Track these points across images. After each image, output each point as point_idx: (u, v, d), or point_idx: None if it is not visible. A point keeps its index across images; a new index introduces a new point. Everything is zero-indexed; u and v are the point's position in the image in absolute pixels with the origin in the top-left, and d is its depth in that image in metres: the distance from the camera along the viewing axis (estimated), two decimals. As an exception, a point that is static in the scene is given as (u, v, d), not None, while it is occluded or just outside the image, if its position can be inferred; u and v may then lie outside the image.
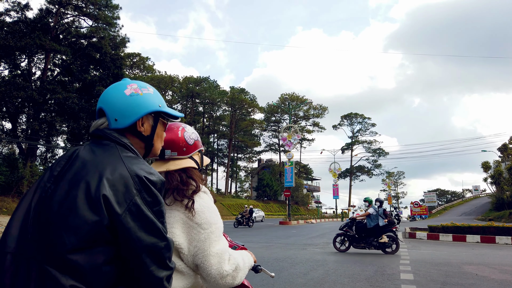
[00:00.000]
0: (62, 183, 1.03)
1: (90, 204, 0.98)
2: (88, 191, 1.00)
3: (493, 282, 6.13)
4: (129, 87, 1.25)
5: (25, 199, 1.07)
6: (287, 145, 34.99)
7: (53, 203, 1.00)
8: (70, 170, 1.06)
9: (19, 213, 1.05)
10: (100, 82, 29.87)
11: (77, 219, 0.97)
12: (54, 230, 0.96)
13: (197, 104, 62.00)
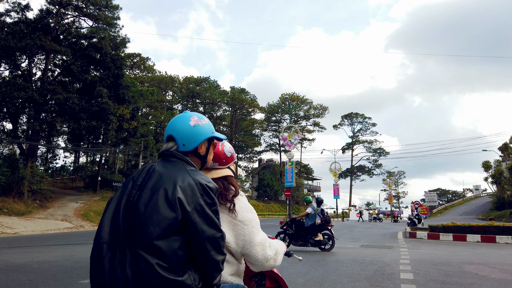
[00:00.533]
0: (145, 190, 1.42)
1: (168, 205, 1.36)
2: (166, 195, 1.38)
3: (493, 282, 6.14)
4: (192, 119, 1.66)
5: (111, 204, 1.48)
6: (288, 145, 34.99)
7: (140, 205, 1.38)
8: (150, 180, 1.44)
9: (108, 214, 1.45)
10: (101, 82, 29.89)
11: (160, 215, 1.34)
12: (143, 224, 1.33)
13: (198, 104, 62.02)
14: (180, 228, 1.36)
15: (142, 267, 1.29)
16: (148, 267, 1.29)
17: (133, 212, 1.38)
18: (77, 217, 25.56)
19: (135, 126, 33.34)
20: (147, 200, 1.38)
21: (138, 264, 1.30)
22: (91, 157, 46.63)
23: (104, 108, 28.64)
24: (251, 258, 1.71)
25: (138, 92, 38.03)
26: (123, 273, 1.31)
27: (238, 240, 1.68)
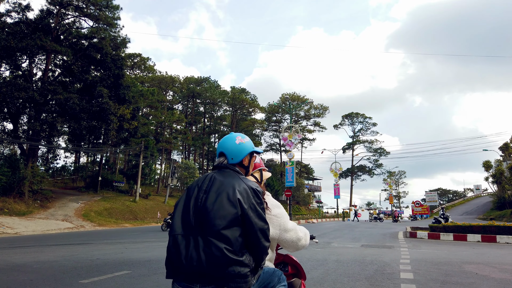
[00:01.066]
0: (211, 193, 1.87)
1: (231, 204, 1.81)
2: (228, 197, 1.83)
3: (493, 281, 6.14)
4: (237, 138, 2.15)
5: (179, 205, 1.95)
6: (288, 145, 34.99)
7: (208, 204, 1.83)
8: (214, 186, 1.90)
9: (178, 213, 1.91)
10: (101, 82, 29.92)
11: (225, 211, 1.79)
12: (212, 218, 1.78)
13: (198, 104, 62.04)
14: (240, 221, 1.81)
15: (213, 250, 1.74)
16: (218, 250, 1.74)
17: (203, 209, 1.83)
18: (78, 217, 25.58)
19: (136, 126, 33.37)
20: (214, 200, 1.84)
21: (210, 248, 1.74)
22: (92, 157, 46.68)
23: (104, 108, 28.66)
24: (287, 241, 2.24)
25: (138, 92, 38.05)
26: (197, 255, 1.76)
27: (275, 230, 2.18)
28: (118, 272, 6.79)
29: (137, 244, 11.83)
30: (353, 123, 72.18)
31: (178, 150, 61.37)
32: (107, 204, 30.60)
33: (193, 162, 54.83)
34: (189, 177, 44.24)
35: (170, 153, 57.00)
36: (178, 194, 46.20)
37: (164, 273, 6.65)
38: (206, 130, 64.47)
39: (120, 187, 38.51)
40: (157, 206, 35.24)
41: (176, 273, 1.85)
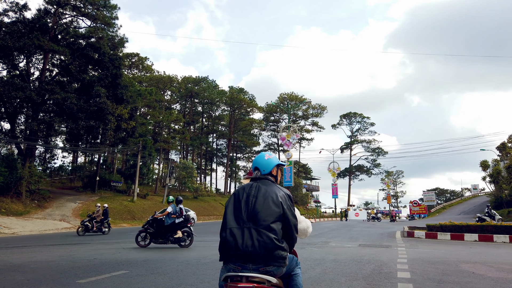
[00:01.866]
0: (259, 197, 2.47)
1: (275, 205, 2.43)
2: (273, 200, 2.45)
3: (489, 280, 6.16)
4: (265, 155, 2.79)
5: (229, 207, 2.53)
6: (286, 144, 35.02)
7: (258, 205, 2.43)
8: (260, 192, 2.50)
9: (230, 212, 2.50)
10: (99, 82, 29.88)
11: (272, 211, 2.40)
12: (263, 215, 2.38)
13: (196, 104, 62.01)
14: (281, 218, 2.45)
15: (265, 238, 2.33)
16: (268, 239, 2.34)
17: (254, 209, 2.44)
18: (75, 217, 25.52)
19: (134, 126, 33.32)
20: (262, 202, 2.46)
21: (262, 237, 2.33)
22: (89, 157, 46.58)
23: (102, 108, 28.61)
24: (301, 230, 2.80)
25: (136, 92, 38.00)
26: (252, 242, 2.33)
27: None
28: (115, 272, 6.79)
29: (135, 244, 11.82)
30: (351, 123, 72.28)
31: (176, 150, 61.31)
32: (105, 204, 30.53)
33: (191, 162, 54.81)
34: (187, 177, 44.20)
35: (168, 153, 56.96)
36: (176, 194, 46.16)
37: (162, 272, 6.66)
38: (204, 130, 64.43)
39: (118, 187, 38.46)
40: (155, 206, 35.21)
41: (230, 256, 2.41)
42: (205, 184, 62.07)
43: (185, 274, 6.59)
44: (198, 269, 7.06)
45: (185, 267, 7.35)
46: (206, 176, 68.76)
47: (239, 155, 71.69)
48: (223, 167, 66.93)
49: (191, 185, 45.85)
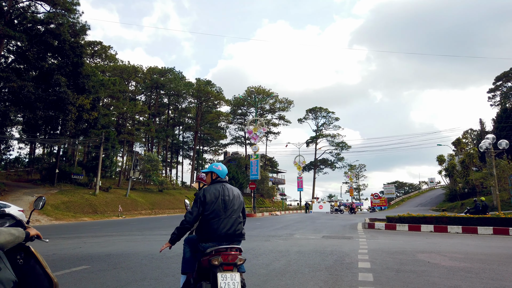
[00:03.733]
0: (232, 194, 3.59)
1: (241, 200, 3.66)
2: (239, 197, 3.66)
3: (443, 269, 6.52)
4: (219, 166, 3.75)
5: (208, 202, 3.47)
6: (253, 138, 35.14)
7: (235, 200, 3.57)
8: (230, 192, 3.61)
9: (210, 207, 3.45)
10: (59, 70, 28.61)
11: (240, 204, 3.62)
12: (237, 207, 3.57)
13: (162, 96, 60.77)
14: (243, 209, 3.64)
15: (238, 224, 3.49)
16: (240, 224, 3.52)
17: (231, 203, 3.53)
18: (33, 211, 24.44)
19: (96, 117, 32.22)
20: (236, 198, 3.60)
21: (237, 223, 3.48)
22: (48, 149, 44.62)
23: (62, 97, 27.45)
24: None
25: (99, 81, 36.71)
26: (230, 227, 3.42)
27: None
28: (76, 267, 6.60)
29: (97, 238, 11.51)
30: (316, 118, 73.49)
31: (141, 142, 59.99)
32: (65, 198, 29.46)
33: (157, 154, 53.81)
34: (152, 170, 43.40)
35: (132, 145, 55.62)
36: (140, 187, 45.26)
37: (125, 267, 6.55)
38: (170, 122, 63.37)
39: (79, 180, 37.16)
40: (118, 200, 34.37)
41: (214, 237, 3.40)
42: (171, 177, 61.28)
43: (149, 268, 6.51)
44: (163, 263, 7.00)
45: (149, 261, 7.26)
46: (172, 169, 67.87)
47: (206, 148, 71.19)
48: (190, 160, 66.26)
49: (156, 178, 45.07)
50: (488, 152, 27.96)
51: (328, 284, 5.26)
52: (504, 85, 55.55)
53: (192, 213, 3.49)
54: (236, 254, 3.30)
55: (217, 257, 3.24)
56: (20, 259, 2.47)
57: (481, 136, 42.91)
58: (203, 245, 3.43)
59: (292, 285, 5.23)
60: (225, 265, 3.23)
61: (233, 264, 3.25)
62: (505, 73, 53.94)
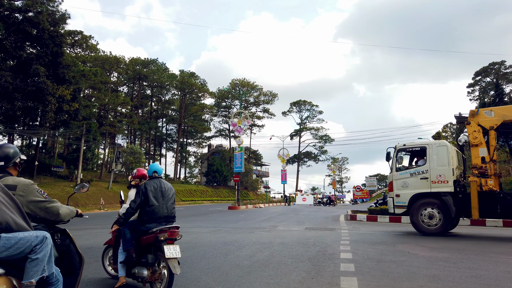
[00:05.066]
0: (166, 187, 4.72)
1: (172, 191, 4.82)
2: (171, 189, 4.82)
3: (422, 259, 6.69)
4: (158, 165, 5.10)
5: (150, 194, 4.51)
6: (237, 130, 35.06)
7: (169, 191, 4.73)
8: (164, 184, 4.74)
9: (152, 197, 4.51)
10: (38, 60, 27.84)
11: (172, 194, 4.81)
12: (171, 196, 4.75)
13: (145, 87, 59.92)
14: (174, 197, 4.85)
15: (172, 207, 4.72)
16: (174, 208, 4.75)
17: (167, 193, 4.66)
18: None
19: (77, 108, 31.54)
20: (170, 189, 4.76)
21: (172, 207, 4.72)
22: (27, 141, 43.54)
23: (41, 88, 26.76)
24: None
25: (79, 72, 35.90)
26: (167, 211, 4.59)
27: None
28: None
29: (78, 231, 11.35)
30: (300, 111, 73.82)
31: (123, 134, 59.15)
32: (45, 190, 28.63)
33: (139, 147, 53.20)
34: (135, 162, 42.91)
35: (114, 137, 54.80)
36: (123, 179, 44.71)
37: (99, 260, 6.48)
38: (153, 114, 62.62)
39: (60, 172, 36.45)
40: (100, 192, 33.91)
41: (155, 219, 4.44)
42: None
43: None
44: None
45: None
46: (155, 161, 67.21)
47: (189, 140, 70.75)
48: (173, 153, 65.80)
49: (138, 170, 44.54)
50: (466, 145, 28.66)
51: (310, 275, 5.33)
52: (483, 80, 56.79)
53: (136, 202, 4.44)
54: (177, 232, 4.36)
55: (163, 234, 4.23)
56: (58, 239, 3.03)
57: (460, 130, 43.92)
58: (147, 225, 4.42)
59: (275, 276, 5.27)
60: (169, 240, 4.22)
61: (174, 239, 4.27)
62: (484, 68, 55.15)
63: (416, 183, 11.03)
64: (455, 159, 11.03)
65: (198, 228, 12.74)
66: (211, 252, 7.39)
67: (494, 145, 10.85)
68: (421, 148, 11.34)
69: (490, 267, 5.94)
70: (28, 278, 2.43)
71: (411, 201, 10.94)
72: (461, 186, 10.76)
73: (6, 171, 2.91)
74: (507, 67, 53.51)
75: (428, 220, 10.63)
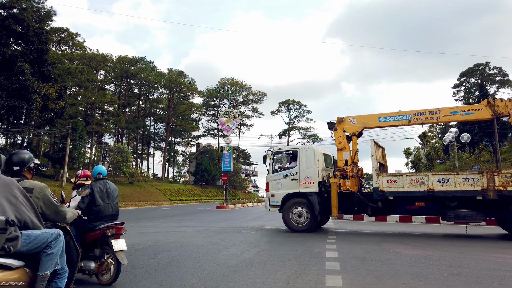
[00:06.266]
0: (111, 187, 5.22)
1: (117, 191, 5.31)
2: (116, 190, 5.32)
3: (406, 257, 6.80)
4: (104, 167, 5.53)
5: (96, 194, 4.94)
6: (226, 130, 35.02)
7: (114, 192, 5.22)
8: (109, 185, 5.22)
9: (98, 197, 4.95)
10: (22, 57, 27.36)
11: (117, 194, 5.28)
12: (115, 198, 5.19)
13: (132, 86, 59.35)
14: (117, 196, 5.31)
15: (117, 207, 5.17)
16: (118, 207, 5.20)
17: (112, 193, 5.14)
18: None
19: (62, 106, 31.10)
20: (115, 189, 5.25)
21: (117, 206, 5.16)
22: (12, 139, 42.75)
23: (26, 85, 26.33)
24: None
25: (65, 70, 35.41)
26: (112, 209, 5.08)
27: None
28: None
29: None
30: (289, 110, 73.99)
31: (110, 133, 58.47)
32: (30, 190, 28.36)
33: (127, 146, 52.73)
34: (122, 162, 42.52)
35: (101, 136, 54.18)
36: (109, 179, 43.94)
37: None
38: (141, 112, 62.08)
39: (45, 172, 35.88)
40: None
41: (101, 217, 4.86)
42: (142, 169, 60.19)
43: (117, 260, 6.42)
44: (131, 255, 6.91)
45: (118, 253, 7.15)
46: (143, 161, 66.72)
47: (178, 139, 70.35)
48: (161, 152, 65.32)
49: (126, 170, 44.18)
50: (451, 145, 29.13)
51: (296, 273, 5.38)
52: (468, 81, 57.76)
53: (84, 202, 4.86)
54: (123, 227, 4.92)
55: (111, 230, 4.74)
56: None
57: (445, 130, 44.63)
58: (94, 223, 4.83)
59: (261, 274, 5.31)
60: (115, 235, 4.75)
61: (120, 234, 4.81)
62: (469, 69, 56.08)
63: (288, 184, 11.76)
64: (321, 162, 11.90)
65: (185, 228, 12.71)
66: (197, 251, 7.39)
67: (355, 149, 11.93)
68: (293, 152, 12.22)
69: (472, 265, 6.08)
70: (44, 270, 2.81)
71: (283, 201, 11.62)
72: (326, 187, 11.40)
73: (22, 174, 3.29)
74: (491, 68, 54.59)
75: (298, 218, 11.28)
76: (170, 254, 7.11)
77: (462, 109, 11.16)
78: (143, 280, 5.01)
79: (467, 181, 9.78)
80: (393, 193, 10.46)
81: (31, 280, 2.77)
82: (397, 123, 11.67)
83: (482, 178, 9.64)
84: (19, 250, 2.67)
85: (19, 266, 2.68)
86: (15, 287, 2.60)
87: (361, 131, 12.04)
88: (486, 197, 9.52)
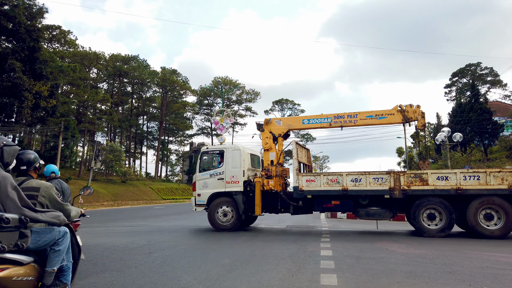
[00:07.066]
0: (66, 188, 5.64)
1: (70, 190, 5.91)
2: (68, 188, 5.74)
3: (400, 255, 6.84)
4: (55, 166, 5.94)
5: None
6: (219, 128, 34.71)
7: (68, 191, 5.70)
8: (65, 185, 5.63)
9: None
10: (13, 55, 27.04)
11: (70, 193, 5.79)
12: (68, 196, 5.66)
13: (125, 84, 58.97)
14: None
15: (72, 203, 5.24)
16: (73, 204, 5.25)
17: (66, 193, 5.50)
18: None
19: (54, 104, 30.80)
20: (67, 188, 5.60)
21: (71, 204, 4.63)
22: (2, 138, 42.26)
23: (17, 83, 26.02)
24: None
25: (57, 67, 35.07)
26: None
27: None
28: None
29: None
30: (283, 109, 73.99)
31: (103, 131, 58.02)
32: (21, 189, 28.10)
33: (119, 144, 52.38)
34: (115, 160, 42.24)
35: (93, 135, 53.76)
36: (102, 178, 43.98)
37: (86, 259, 6.39)
38: (134, 111, 61.71)
39: (36, 171, 35.52)
40: (78, 191, 33.25)
41: None
42: (134, 168, 59.89)
43: (110, 260, 6.38)
44: (125, 255, 6.88)
45: (111, 252, 7.11)
46: (136, 159, 66.30)
47: (171, 138, 70.06)
48: (154, 151, 65.00)
49: (119, 168, 43.92)
50: (443, 144, 29.37)
51: (291, 272, 5.38)
52: (459, 81, 58.29)
53: None
54: (79, 224, 4.93)
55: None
56: None
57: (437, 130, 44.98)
58: None
59: (256, 273, 5.30)
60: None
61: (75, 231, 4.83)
62: (461, 69, 56.59)
63: (214, 183, 11.79)
64: (247, 161, 12.02)
65: (179, 227, 12.66)
66: (192, 250, 7.36)
67: (281, 150, 12.31)
68: (220, 152, 12.21)
69: (465, 263, 6.12)
70: (51, 266, 2.94)
71: (209, 200, 11.68)
72: (252, 186, 11.57)
73: (28, 174, 3.46)
74: (482, 69, 55.14)
75: (223, 217, 11.39)
76: (164, 253, 7.07)
77: (376, 114, 11.42)
78: (138, 279, 4.98)
79: (377, 181, 10.21)
80: (312, 192, 10.69)
81: (39, 276, 2.89)
82: (319, 125, 12.09)
83: (390, 178, 10.12)
84: (28, 247, 2.77)
85: (29, 262, 2.80)
86: (25, 282, 2.72)
87: (286, 132, 12.41)
88: (393, 195, 10.03)
